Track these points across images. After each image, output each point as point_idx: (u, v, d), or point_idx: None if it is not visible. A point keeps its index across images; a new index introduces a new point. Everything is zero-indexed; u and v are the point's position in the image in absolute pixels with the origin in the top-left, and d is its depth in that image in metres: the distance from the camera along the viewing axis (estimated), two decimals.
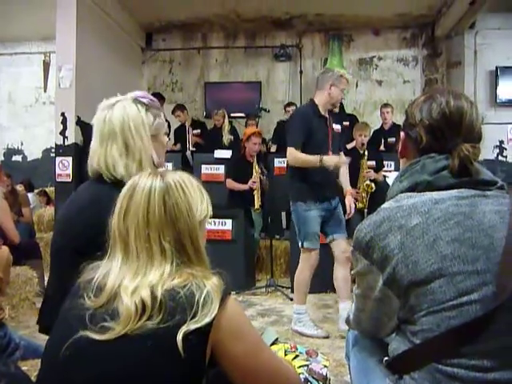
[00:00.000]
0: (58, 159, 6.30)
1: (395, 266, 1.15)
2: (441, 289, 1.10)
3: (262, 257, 5.87)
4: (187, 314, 1.08)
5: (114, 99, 1.66)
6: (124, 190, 1.22)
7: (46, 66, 8.27)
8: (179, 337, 1.05)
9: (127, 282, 1.13)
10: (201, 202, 1.26)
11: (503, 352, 1.06)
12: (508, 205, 1.20)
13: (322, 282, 4.93)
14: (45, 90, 8.64)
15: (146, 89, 8.75)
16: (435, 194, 1.21)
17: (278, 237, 6.01)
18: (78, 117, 6.10)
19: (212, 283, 1.14)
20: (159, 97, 7.43)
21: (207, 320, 1.08)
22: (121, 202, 1.21)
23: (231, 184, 5.75)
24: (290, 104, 7.59)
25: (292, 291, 4.98)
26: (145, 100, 1.67)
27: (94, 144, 1.65)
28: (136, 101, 1.66)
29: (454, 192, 1.21)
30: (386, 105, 7.03)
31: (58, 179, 6.22)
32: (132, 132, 1.61)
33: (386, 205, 1.26)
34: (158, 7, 7.71)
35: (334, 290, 4.90)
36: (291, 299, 4.73)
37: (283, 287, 5.06)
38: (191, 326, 1.07)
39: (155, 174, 1.23)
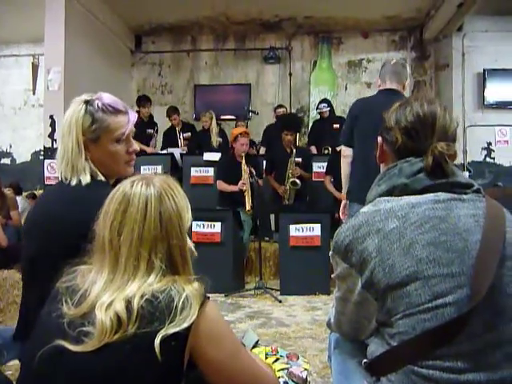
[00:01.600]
0: (46, 162, 6.28)
1: (373, 269, 1.17)
2: (416, 292, 1.11)
3: (252, 259, 5.87)
4: (166, 318, 1.08)
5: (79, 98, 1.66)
6: (116, 201, 1.19)
7: (35, 68, 8.23)
8: (157, 341, 1.05)
9: (106, 297, 1.11)
10: (187, 210, 1.26)
11: (477, 354, 1.08)
12: (483, 208, 1.22)
13: (311, 284, 4.97)
14: (33, 93, 8.59)
15: (135, 91, 8.76)
16: (412, 198, 1.23)
17: (267, 239, 6.03)
18: None
19: (192, 288, 1.14)
20: (145, 99, 7.44)
21: (185, 324, 1.08)
22: (114, 214, 1.17)
23: (222, 185, 5.74)
24: (279, 106, 7.62)
25: (281, 293, 5.01)
26: (98, 102, 1.62)
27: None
28: (87, 102, 1.62)
29: (430, 196, 1.23)
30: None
31: (47, 182, 6.21)
32: (64, 132, 1.61)
33: (364, 209, 1.28)
34: (148, 10, 7.71)
35: (322, 293, 4.95)
36: (280, 301, 4.75)
37: (272, 289, 5.06)
38: (169, 330, 1.07)
39: (146, 182, 1.21)
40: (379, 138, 1.41)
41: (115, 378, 1.07)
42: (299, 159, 5.97)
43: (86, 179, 1.57)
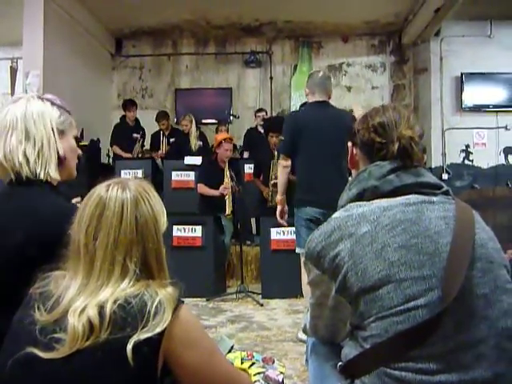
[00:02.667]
0: None
1: (346, 273, 1.18)
2: (389, 295, 1.13)
3: (233, 263, 5.87)
4: (138, 323, 1.07)
5: (20, 95, 1.58)
6: (92, 205, 1.18)
7: (13, 71, 8.12)
8: (129, 346, 1.04)
9: (79, 302, 1.10)
10: (163, 215, 1.25)
11: (449, 355, 1.10)
12: (453, 210, 1.24)
13: (293, 287, 4.97)
14: (12, 96, 8.49)
15: (115, 95, 8.71)
16: (384, 202, 1.25)
17: (248, 243, 6.03)
18: None
19: (165, 292, 1.14)
20: (130, 103, 7.41)
21: (158, 329, 1.08)
22: (89, 218, 1.17)
23: (203, 189, 5.72)
24: (260, 110, 7.64)
25: (262, 297, 5.02)
26: (51, 98, 1.58)
27: None
28: (41, 98, 1.57)
29: (401, 199, 1.24)
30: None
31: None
32: (34, 118, 1.50)
33: (336, 214, 1.29)
34: (128, 13, 7.66)
35: (303, 296, 4.96)
36: (261, 305, 4.76)
37: (254, 293, 5.07)
38: (142, 335, 1.06)
39: (121, 186, 1.20)
40: (349, 144, 1.45)
41: (84, 378, 1.06)
42: None
43: (53, 173, 1.50)
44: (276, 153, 5.89)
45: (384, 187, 1.27)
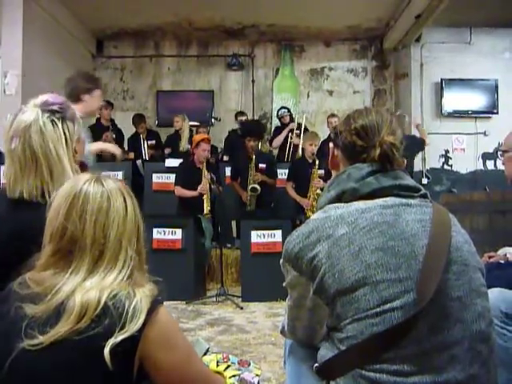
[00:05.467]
0: (2, 168, 6.12)
1: (323, 275, 1.18)
2: (365, 297, 1.13)
3: (213, 266, 5.85)
4: (116, 324, 1.06)
5: (24, 120, 1.53)
6: (95, 199, 1.18)
7: None
8: (106, 349, 1.03)
9: (85, 282, 1.12)
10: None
11: (423, 357, 1.10)
12: (430, 213, 1.24)
13: (273, 290, 4.96)
14: None
15: None
16: (362, 204, 1.25)
17: (229, 245, 6.01)
18: None
19: (143, 292, 1.13)
20: (107, 103, 7.34)
21: (135, 331, 1.07)
22: (95, 211, 1.16)
23: (180, 191, 5.67)
24: (241, 113, 7.62)
25: (242, 300, 5.00)
26: (57, 107, 1.58)
27: (12, 169, 1.54)
28: (50, 115, 1.56)
29: (379, 201, 1.25)
30: (332, 115, 7.16)
31: (2, 188, 6.03)
32: (53, 155, 1.53)
33: (314, 216, 1.29)
34: (109, 14, 7.62)
35: (284, 299, 4.95)
36: (241, 308, 4.74)
37: (234, 296, 5.05)
38: (119, 337, 1.05)
39: (102, 179, 1.23)
40: (330, 145, 1.45)
41: (60, 380, 1.06)
42: (263, 165, 5.97)
43: None
44: (254, 157, 5.90)
45: (363, 189, 1.27)
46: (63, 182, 1.51)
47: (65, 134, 1.57)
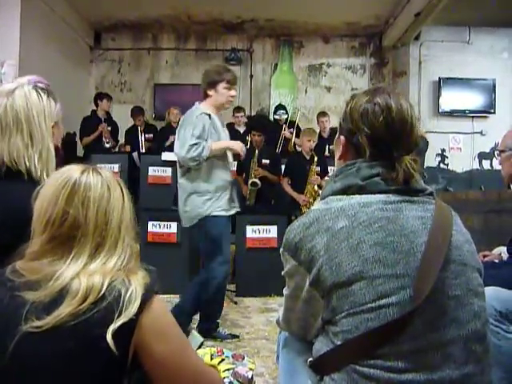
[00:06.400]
0: None
1: (320, 267, 1.17)
2: (361, 291, 1.12)
3: None
4: (114, 311, 1.07)
5: (11, 85, 1.57)
6: (96, 187, 1.18)
7: None
8: (109, 335, 1.04)
9: (88, 265, 1.13)
10: None
11: (417, 354, 1.10)
12: (432, 211, 1.23)
13: (266, 285, 4.97)
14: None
15: (93, 88, 8.59)
16: (364, 198, 1.23)
17: None
18: None
19: (137, 280, 1.14)
20: (104, 95, 7.30)
21: (131, 317, 1.07)
22: (97, 198, 1.17)
23: None
24: (238, 109, 7.56)
25: (236, 295, 5.00)
26: (43, 85, 1.61)
27: None
28: (36, 87, 1.59)
29: (381, 196, 1.23)
30: (323, 113, 7.09)
31: None
32: (35, 121, 1.55)
33: (316, 206, 1.28)
34: (108, 6, 7.58)
35: (278, 294, 4.96)
36: (235, 303, 4.74)
37: (228, 291, 5.03)
38: (117, 323, 1.06)
39: (99, 170, 1.23)
40: (342, 138, 1.35)
41: (58, 371, 1.05)
42: (267, 161, 5.93)
43: (52, 171, 1.52)
44: (257, 152, 5.89)
45: (369, 188, 1.25)
46: (41, 150, 1.54)
47: (47, 107, 1.58)
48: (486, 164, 8.06)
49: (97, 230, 1.16)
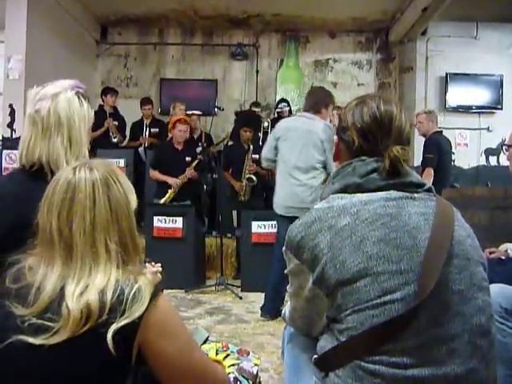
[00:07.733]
0: (4, 152, 6.12)
1: (324, 265, 1.18)
2: (366, 288, 1.13)
3: (213, 255, 5.85)
4: (117, 311, 1.06)
5: (53, 89, 1.61)
6: (61, 190, 1.15)
7: None
8: (109, 335, 1.03)
9: (71, 285, 1.08)
10: (132, 192, 1.25)
11: (422, 349, 1.10)
12: (433, 207, 1.24)
13: None
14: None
15: (99, 83, 8.58)
16: (365, 196, 1.24)
17: (229, 235, 6.01)
18: None
19: (144, 279, 1.13)
20: (111, 89, 7.30)
21: (135, 318, 1.07)
22: (60, 203, 1.14)
23: (154, 175, 5.73)
24: (257, 104, 7.63)
25: (242, 290, 5.01)
26: (83, 90, 1.67)
27: (33, 134, 1.58)
28: (78, 93, 1.64)
29: (382, 194, 1.24)
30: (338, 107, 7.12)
31: (4, 173, 6.03)
32: (76, 126, 1.60)
33: (317, 205, 1.28)
34: (114, 0, 7.57)
35: None
36: (240, 298, 4.75)
37: (233, 286, 5.06)
38: (119, 323, 1.05)
39: (88, 167, 1.19)
40: (335, 137, 1.42)
41: (60, 371, 1.05)
42: (256, 156, 5.92)
43: None
44: (251, 147, 5.90)
45: (367, 185, 1.26)
46: (78, 155, 1.59)
47: (87, 114, 1.65)
48: (492, 160, 8.02)
49: (61, 237, 1.13)
